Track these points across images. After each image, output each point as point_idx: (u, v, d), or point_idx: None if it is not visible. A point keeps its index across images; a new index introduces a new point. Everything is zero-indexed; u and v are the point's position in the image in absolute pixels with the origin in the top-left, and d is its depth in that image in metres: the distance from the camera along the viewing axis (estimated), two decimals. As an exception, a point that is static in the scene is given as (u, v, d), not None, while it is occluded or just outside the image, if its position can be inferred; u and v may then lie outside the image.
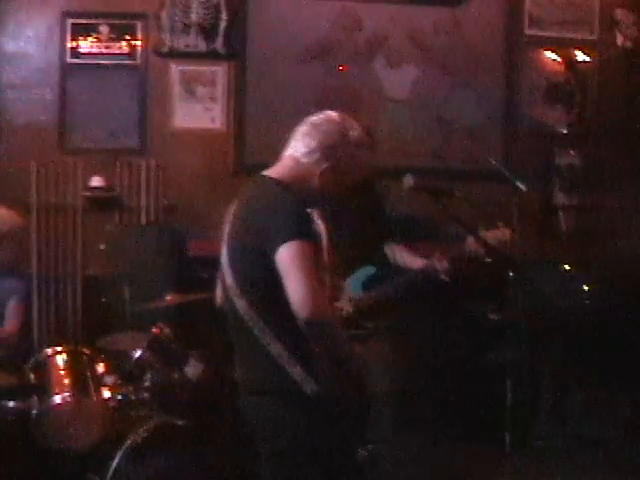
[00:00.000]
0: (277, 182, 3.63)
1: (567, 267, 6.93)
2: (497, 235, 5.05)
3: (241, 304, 3.53)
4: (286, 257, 3.37)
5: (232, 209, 3.75)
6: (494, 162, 6.00)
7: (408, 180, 4.66)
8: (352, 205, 4.84)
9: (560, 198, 7.55)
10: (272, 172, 3.72)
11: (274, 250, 3.38)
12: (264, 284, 3.46)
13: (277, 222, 3.43)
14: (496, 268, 5.18)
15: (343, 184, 3.72)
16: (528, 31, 7.50)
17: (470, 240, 5.42)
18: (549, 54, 7.51)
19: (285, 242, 3.37)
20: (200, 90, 7.07)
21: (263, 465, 3.70)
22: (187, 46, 7.00)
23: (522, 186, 5.66)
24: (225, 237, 3.71)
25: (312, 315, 3.32)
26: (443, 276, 5.26)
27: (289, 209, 3.46)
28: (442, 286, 5.32)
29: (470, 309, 6.81)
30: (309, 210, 3.57)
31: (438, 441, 6.32)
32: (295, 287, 3.34)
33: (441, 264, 5.32)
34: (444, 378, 6.53)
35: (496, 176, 6.09)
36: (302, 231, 3.40)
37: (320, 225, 3.69)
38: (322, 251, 3.57)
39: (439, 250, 5.52)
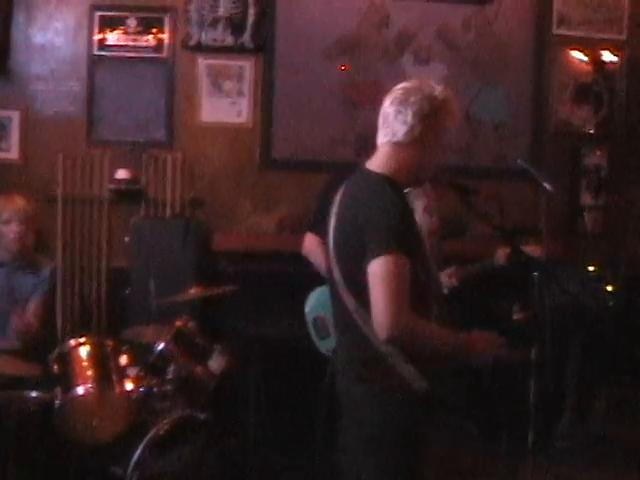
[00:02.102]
0: (377, 175, 3.55)
1: (592, 267, 6.89)
2: (528, 251, 5.05)
3: (350, 301, 3.49)
4: (375, 272, 3.34)
5: (336, 201, 3.66)
6: (522, 162, 5.97)
7: None
8: None
9: (586, 198, 7.52)
10: (374, 164, 3.61)
11: (367, 260, 3.35)
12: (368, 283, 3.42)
13: (374, 232, 3.37)
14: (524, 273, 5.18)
15: (442, 140, 3.63)
16: (557, 30, 7.46)
17: (500, 253, 5.43)
18: (577, 54, 7.47)
19: (376, 257, 3.33)
20: (227, 84, 7.06)
21: (348, 453, 3.69)
22: (215, 40, 6.99)
23: (549, 186, 5.65)
24: (330, 229, 3.64)
25: (391, 337, 3.32)
26: (446, 290, 5.30)
27: (387, 217, 3.38)
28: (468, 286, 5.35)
29: (494, 309, 6.79)
30: (412, 208, 3.52)
31: (461, 439, 6.30)
32: (377, 306, 3.33)
33: (450, 281, 5.35)
34: (467, 377, 6.52)
35: (523, 175, 6.07)
36: (395, 243, 3.33)
37: (425, 217, 3.65)
38: (422, 245, 3.57)
39: (455, 267, 5.55)
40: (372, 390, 3.52)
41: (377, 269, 3.34)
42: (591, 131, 7.54)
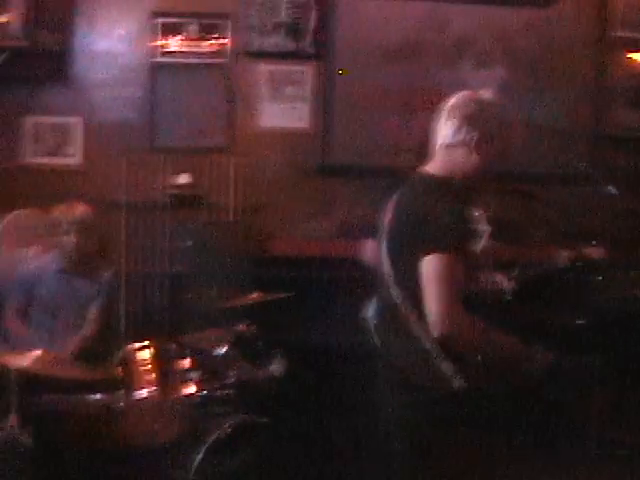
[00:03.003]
0: (433, 177, 3.63)
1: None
2: (591, 253, 5.02)
3: (397, 294, 3.54)
4: (427, 270, 3.40)
5: (392, 201, 3.75)
6: (585, 166, 5.93)
7: None
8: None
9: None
10: (429, 167, 3.70)
11: (419, 258, 3.40)
12: (419, 280, 3.46)
13: (428, 230, 3.42)
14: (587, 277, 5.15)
15: (504, 151, 3.68)
16: (615, 32, 7.40)
17: (563, 255, 5.39)
18: (638, 56, 7.39)
19: (429, 254, 3.39)
20: (288, 90, 7.10)
21: (393, 458, 3.71)
22: (275, 45, 7.02)
23: (613, 190, 5.60)
24: (384, 226, 3.72)
25: (444, 335, 3.37)
26: (503, 294, 5.27)
27: (442, 215, 3.44)
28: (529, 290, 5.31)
29: (556, 314, 6.74)
30: (469, 211, 3.56)
31: (492, 443, 6.26)
32: (431, 304, 3.38)
33: (510, 284, 5.32)
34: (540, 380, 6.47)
35: (584, 180, 6.03)
36: (449, 243, 3.39)
37: (481, 225, 3.68)
38: (477, 251, 3.58)
39: (511, 271, 5.52)
40: (416, 397, 3.56)
41: (430, 266, 3.39)
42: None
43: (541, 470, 6.04)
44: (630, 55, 7.39)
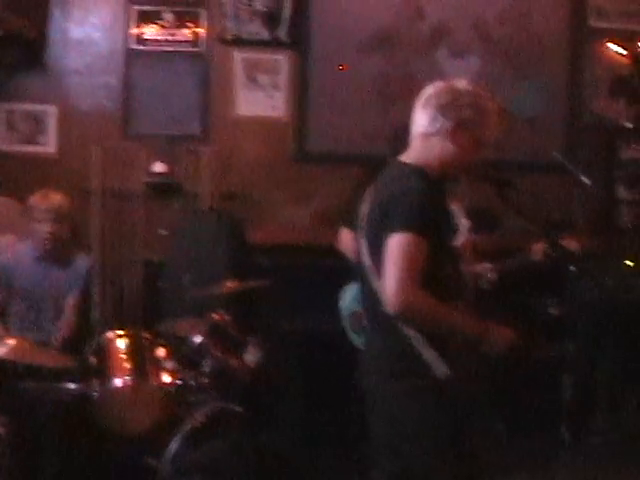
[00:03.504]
0: (408, 165, 3.64)
1: (629, 262, 6.86)
2: (565, 245, 5.04)
3: (377, 284, 3.54)
4: (390, 247, 3.41)
5: (368, 192, 3.75)
6: (558, 155, 5.94)
7: None
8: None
9: (622, 192, 7.46)
10: (405, 156, 3.71)
11: (386, 237, 3.42)
12: None
13: (396, 210, 3.44)
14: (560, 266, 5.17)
15: (480, 142, 3.68)
16: (592, 23, 7.42)
17: (537, 247, 5.42)
18: (613, 46, 7.41)
19: (393, 232, 3.41)
20: (262, 78, 7.09)
21: (377, 450, 3.72)
22: (250, 34, 7.02)
23: (586, 180, 5.62)
24: (362, 217, 3.71)
25: (397, 311, 3.38)
26: (486, 285, 5.29)
27: (410, 197, 3.46)
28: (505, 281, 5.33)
29: (529, 303, 6.77)
30: (448, 203, 3.57)
31: (494, 434, 6.29)
32: (388, 280, 3.40)
33: (491, 275, 5.34)
34: (502, 371, 6.51)
35: (558, 169, 6.04)
36: (413, 224, 3.41)
37: (460, 217, 3.67)
38: (453, 242, 3.59)
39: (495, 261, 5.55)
40: (401, 387, 3.55)
41: (392, 245, 3.42)
42: (627, 125, 7.49)
43: (517, 455, 6.10)
44: (606, 44, 7.40)
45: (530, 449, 6.23)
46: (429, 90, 3.68)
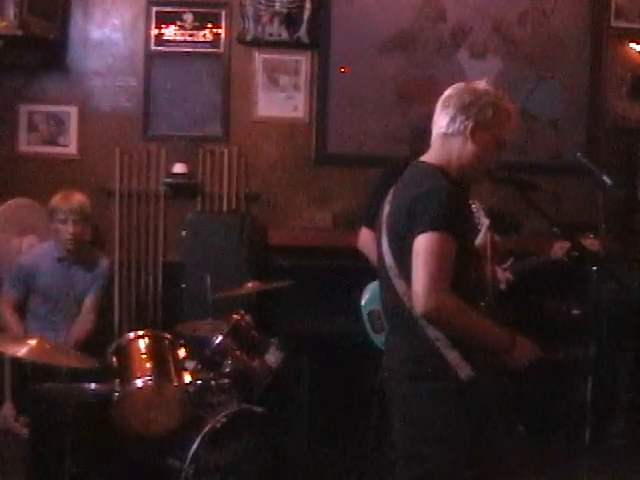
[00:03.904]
0: (430, 166, 3.63)
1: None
2: (587, 245, 5.02)
3: (400, 285, 3.54)
4: (418, 247, 3.40)
5: (390, 193, 3.74)
6: (581, 156, 5.90)
7: None
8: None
9: (644, 194, 7.44)
10: (426, 157, 3.70)
11: (414, 237, 3.41)
12: None
13: (423, 210, 3.42)
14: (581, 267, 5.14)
15: (500, 143, 3.68)
16: (614, 23, 7.38)
17: (558, 246, 5.40)
18: (635, 46, 7.38)
19: (422, 232, 3.39)
20: (283, 79, 7.08)
21: (399, 452, 3.70)
22: (271, 35, 7.01)
23: (608, 180, 5.59)
24: (384, 218, 3.70)
25: (427, 311, 3.36)
26: (502, 286, 5.27)
27: (437, 197, 3.44)
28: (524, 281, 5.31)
29: (551, 304, 6.75)
30: (467, 199, 3.56)
31: (515, 436, 6.28)
32: (417, 280, 3.38)
33: (505, 274, 5.33)
34: (523, 373, 6.49)
35: (580, 171, 6.01)
36: (442, 223, 3.39)
37: (480, 216, 3.65)
38: (475, 242, 3.57)
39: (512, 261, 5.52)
40: (425, 389, 3.53)
41: (421, 245, 3.40)
42: (649, 126, 7.46)
43: (538, 457, 6.08)
44: (627, 45, 7.37)
45: (551, 451, 6.22)
46: (449, 91, 3.68)
